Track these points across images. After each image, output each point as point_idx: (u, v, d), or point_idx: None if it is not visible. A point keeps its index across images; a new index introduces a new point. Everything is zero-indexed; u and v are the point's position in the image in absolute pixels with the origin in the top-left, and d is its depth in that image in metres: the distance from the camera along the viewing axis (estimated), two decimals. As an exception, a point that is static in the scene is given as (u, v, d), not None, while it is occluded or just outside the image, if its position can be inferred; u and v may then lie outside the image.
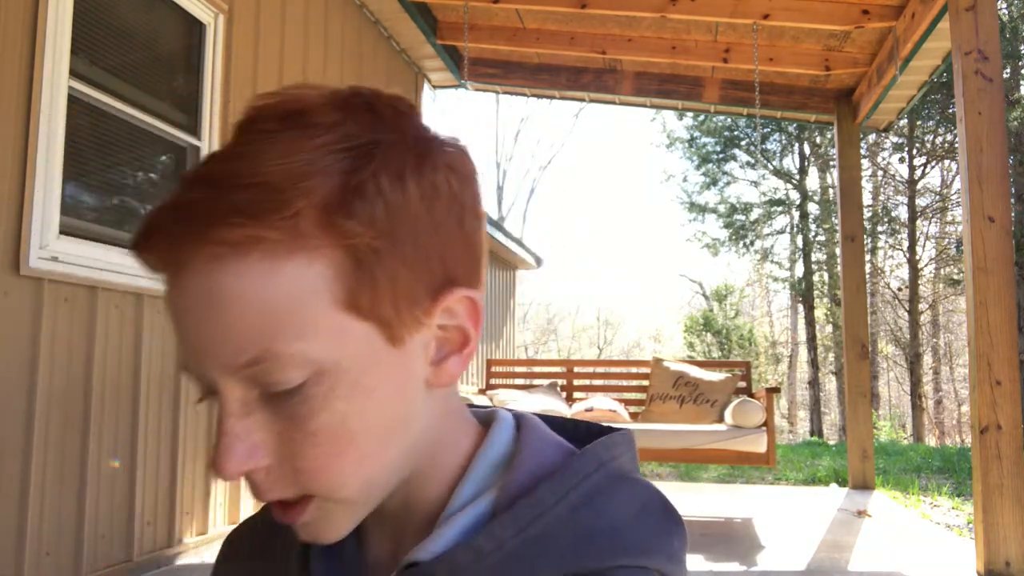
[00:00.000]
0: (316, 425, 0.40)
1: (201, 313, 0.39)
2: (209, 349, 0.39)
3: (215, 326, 0.39)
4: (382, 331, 0.42)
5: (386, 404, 0.43)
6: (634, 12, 4.45)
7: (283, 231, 0.38)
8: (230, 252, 0.38)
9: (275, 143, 0.39)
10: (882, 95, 4.75)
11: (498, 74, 5.66)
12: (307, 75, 4.09)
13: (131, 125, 2.88)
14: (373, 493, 0.44)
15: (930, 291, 18.38)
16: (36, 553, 2.34)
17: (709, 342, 20.18)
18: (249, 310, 0.38)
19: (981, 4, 3.16)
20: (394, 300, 0.41)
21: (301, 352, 0.39)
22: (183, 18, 3.18)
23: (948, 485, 5.82)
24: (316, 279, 0.39)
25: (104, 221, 2.80)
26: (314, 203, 0.38)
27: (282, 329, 0.39)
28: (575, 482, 0.45)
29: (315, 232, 0.39)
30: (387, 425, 0.43)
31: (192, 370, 0.42)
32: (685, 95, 5.55)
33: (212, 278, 0.38)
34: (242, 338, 0.39)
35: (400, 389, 0.43)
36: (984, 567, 2.94)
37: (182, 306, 0.40)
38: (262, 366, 0.39)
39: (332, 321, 0.40)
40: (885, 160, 17.08)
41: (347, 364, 0.40)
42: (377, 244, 0.40)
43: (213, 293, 0.38)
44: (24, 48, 2.37)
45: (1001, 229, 3.04)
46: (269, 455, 0.41)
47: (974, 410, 3.06)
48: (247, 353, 0.39)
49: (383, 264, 0.40)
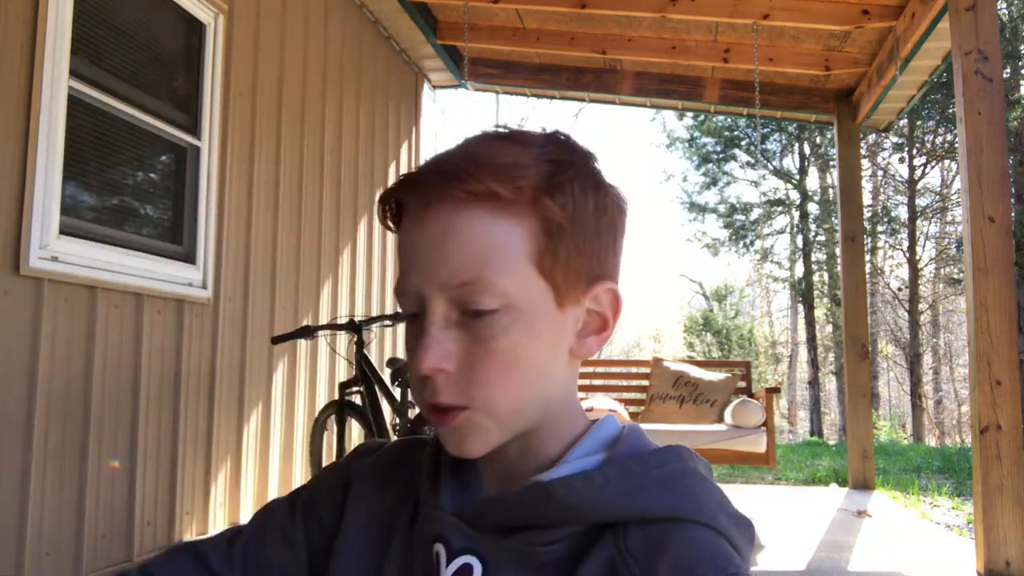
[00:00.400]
0: (496, 346, 0.53)
1: (436, 243, 0.53)
2: (435, 271, 0.53)
3: (445, 253, 0.53)
4: (553, 293, 0.55)
5: (543, 351, 0.56)
6: (634, 12, 4.44)
7: (511, 194, 0.53)
8: (470, 200, 0.53)
9: (504, 147, 0.55)
10: (882, 95, 4.74)
11: (498, 74, 5.66)
12: (307, 75, 4.09)
13: (131, 125, 2.88)
14: (512, 422, 0.55)
15: (930, 291, 18.38)
16: (36, 553, 2.34)
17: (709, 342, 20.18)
18: (473, 245, 0.53)
19: (981, 4, 3.16)
20: (565, 272, 0.56)
21: (501, 285, 0.53)
22: (183, 18, 3.18)
23: (948, 485, 5.82)
24: (521, 235, 0.54)
25: (104, 221, 2.80)
26: (530, 184, 0.54)
27: (492, 263, 0.53)
28: (671, 459, 0.56)
29: (527, 203, 0.54)
30: (540, 368, 0.56)
31: (409, 291, 0.55)
32: (685, 95, 5.54)
33: (452, 217, 0.53)
34: (463, 264, 0.53)
35: (554, 344, 0.57)
36: (984, 567, 2.94)
37: (420, 237, 0.54)
38: (471, 288, 0.53)
39: (524, 270, 0.54)
40: (885, 160, 17.08)
41: (526, 307, 0.54)
42: (563, 225, 0.55)
43: (450, 228, 0.53)
44: (24, 48, 2.37)
45: (1001, 229, 3.04)
46: (454, 363, 0.53)
47: (974, 410, 3.06)
48: (463, 276, 0.53)
49: (563, 242, 0.55)
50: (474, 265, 0.53)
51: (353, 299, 4.60)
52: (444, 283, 0.53)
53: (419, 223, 0.55)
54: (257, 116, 3.62)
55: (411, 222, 0.56)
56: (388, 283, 5.11)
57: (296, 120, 3.99)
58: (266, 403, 3.67)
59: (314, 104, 4.17)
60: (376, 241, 4.95)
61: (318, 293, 4.18)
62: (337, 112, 4.44)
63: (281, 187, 3.82)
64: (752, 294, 24.07)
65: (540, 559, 0.53)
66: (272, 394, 3.71)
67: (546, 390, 0.56)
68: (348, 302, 4.53)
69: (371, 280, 4.87)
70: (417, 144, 5.70)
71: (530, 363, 0.55)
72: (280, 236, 3.79)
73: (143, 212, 3.09)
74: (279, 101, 3.83)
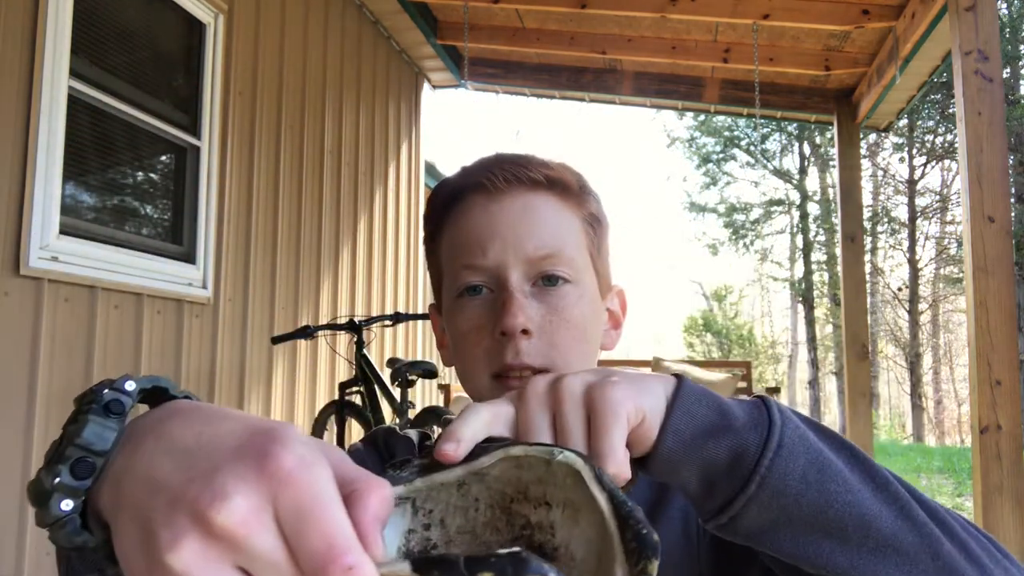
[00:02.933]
0: (570, 315, 0.60)
1: (517, 218, 0.61)
2: (520, 243, 0.60)
3: (529, 226, 0.61)
4: (600, 281, 0.65)
5: (599, 331, 0.65)
6: (634, 12, 4.44)
7: (574, 184, 0.64)
8: (542, 185, 0.62)
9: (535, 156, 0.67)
10: (882, 95, 4.74)
11: (498, 74, 5.66)
12: (307, 75, 4.09)
13: (131, 125, 2.88)
14: None
15: (930, 291, 18.38)
16: (36, 554, 2.34)
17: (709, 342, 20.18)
18: (552, 221, 0.61)
19: (981, 4, 3.16)
20: (603, 265, 0.66)
21: (574, 259, 0.61)
22: (183, 18, 3.18)
23: (948, 485, 5.82)
24: (579, 224, 0.64)
25: (104, 221, 2.80)
26: (579, 182, 0.65)
27: (568, 240, 0.62)
28: None
29: (580, 196, 0.64)
30: (596, 346, 0.64)
31: (487, 265, 0.61)
32: (685, 95, 5.54)
33: (529, 196, 0.62)
34: (545, 237, 0.61)
35: (600, 328, 0.66)
36: (984, 567, 2.94)
37: (499, 214, 0.62)
38: (551, 259, 0.60)
39: (585, 252, 0.63)
40: (885, 160, 17.09)
41: (588, 287, 0.63)
42: (601, 222, 0.66)
43: (529, 206, 0.62)
44: (24, 48, 2.37)
45: (1001, 229, 3.04)
46: (534, 327, 0.59)
47: (974, 410, 3.06)
48: (545, 248, 0.60)
49: (601, 239, 0.65)
50: (553, 240, 0.61)
51: (353, 299, 4.60)
52: (528, 255, 0.61)
53: (498, 203, 0.62)
54: (257, 116, 3.62)
55: (482, 206, 0.63)
56: (388, 283, 5.11)
57: (296, 120, 3.99)
58: (266, 403, 3.67)
59: (314, 104, 4.17)
60: (376, 241, 4.95)
61: (318, 293, 4.18)
62: (337, 112, 4.44)
63: (281, 187, 3.82)
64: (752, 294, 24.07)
65: None
66: (272, 394, 3.71)
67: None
68: (348, 302, 4.53)
69: (371, 280, 4.87)
70: (417, 144, 5.70)
71: (594, 338, 0.64)
72: (280, 236, 3.79)
73: (143, 212, 3.09)
74: (279, 101, 3.83)
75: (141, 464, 0.31)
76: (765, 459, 0.42)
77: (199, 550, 0.27)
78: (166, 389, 0.37)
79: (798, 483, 0.42)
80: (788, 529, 0.43)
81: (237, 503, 0.27)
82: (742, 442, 0.43)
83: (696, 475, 0.43)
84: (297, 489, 0.28)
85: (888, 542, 0.43)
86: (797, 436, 0.44)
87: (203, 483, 0.28)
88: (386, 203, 5.09)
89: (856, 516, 0.43)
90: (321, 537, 0.27)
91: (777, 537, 0.43)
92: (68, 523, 0.32)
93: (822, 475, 0.43)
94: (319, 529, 0.28)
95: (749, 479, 0.42)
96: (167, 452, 0.31)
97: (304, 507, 0.28)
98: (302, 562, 0.28)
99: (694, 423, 0.43)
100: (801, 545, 0.43)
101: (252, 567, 0.28)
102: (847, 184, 5.28)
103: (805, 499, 0.42)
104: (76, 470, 0.32)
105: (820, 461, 0.44)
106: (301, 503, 0.28)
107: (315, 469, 0.29)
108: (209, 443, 0.30)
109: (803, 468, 0.43)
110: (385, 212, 5.07)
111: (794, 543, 0.43)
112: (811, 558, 0.43)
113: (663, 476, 0.44)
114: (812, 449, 0.44)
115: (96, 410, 0.33)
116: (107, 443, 0.33)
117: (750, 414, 0.45)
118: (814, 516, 0.43)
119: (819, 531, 0.43)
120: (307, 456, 0.29)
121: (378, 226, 4.96)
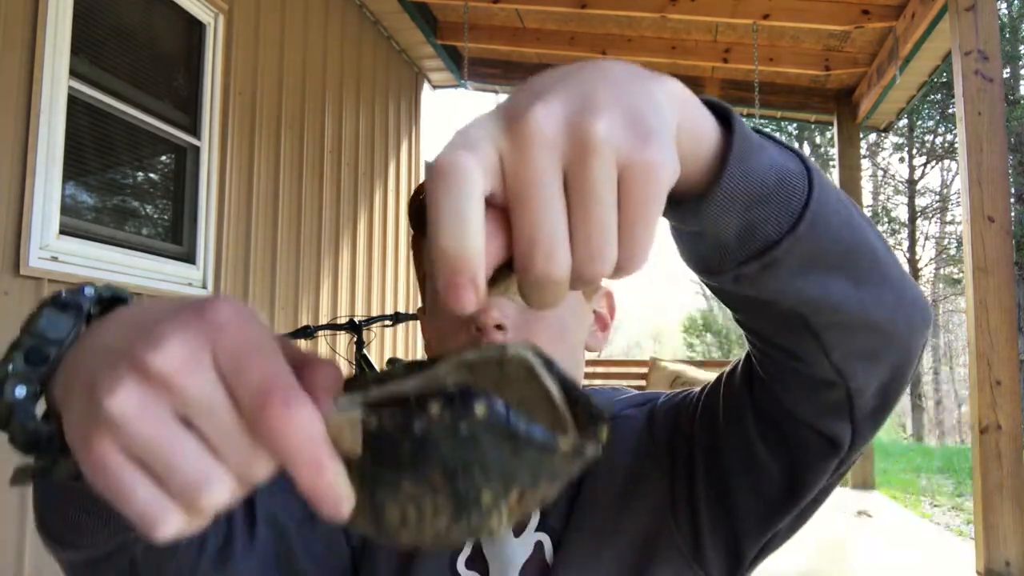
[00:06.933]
0: (548, 314, 0.59)
1: None
2: None
3: None
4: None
5: (579, 332, 0.64)
6: (634, 12, 4.44)
7: None
8: None
9: None
10: (882, 95, 4.74)
11: (498, 74, 5.66)
12: (307, 75, 4.09)
13: (131, 125, 2.88)
14: None
15: (930, 291, 18.38)
16: (36, 554, 2.34)
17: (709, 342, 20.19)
18: None
19: (981, 4, 3.16)
20: None
21: None
22: (183, 18, 3.18)
23: (948, 485, 5.82)
24: None
25: (104, 221, 2.80)
26: None
27: None
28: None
29: None
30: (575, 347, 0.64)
31: None
32: (685, 95, 5.54)
33: None
34: None
35: (583, 329, 0.66)
36: (984, 567, 2.94)
37: None
38: None
39: None
40: (885, 160, 17.09)
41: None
42: None
43: None
44: (24, 48, 2.37)
45: (1001, 229, 3.04)
46: (510, 323, 0.59)
47: (974, 410, 3.06)
48: None
49: None
50: None
51: (353, 299, 4.60)
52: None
53: None
54: (257, 116, 3.62)
55: None
56: (388, 283, 5.11)
57: (296, 120, 3.99)
58: (266, 403, 3.67)
59: (314, 104, 4.17)
60: (376, 241, 4.95)
61: (318, 293, 4.17)
62: (337, 112, 4.44)
63: (281, 187, 3.82)
64: (752, 294, 24.03)
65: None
66: (272, 394, 3.71)
67: (575, 371, 0.62)
68: (348, 302, 4.53)
69: (371, 280, 4.87)
70: (417, 144, 5.70)
71: (572, 339, 0.63)
72: (280, 236, 3.79)
73: (143, 212, 3.09)
74: (279, 101, 3.83)
75: (88, 340, 0.31)
76: (814, 193, 0.38)
77: (137, 395, 0.27)
78: (126, 300, 0.37)
79: (834, 219, 0.39)
80: (816, 270, 0.40)
81: (172, 346, 0.27)
82: (788, 174, 0.38)
83: (737, 219, 0.37)
84: (235, 335, 0.28)
85: (885, 271, 0.43)
86: (822, 173, 0.40)
87: (142, 336, 0.28)
88: (386, 203, 5.09)
89: (869, 250, 0.42)
90: (260, 375, 0.27)
91: (804, 281, 0.40)
92: (21, 409, 0.31)
93: (848, 212, 0.41)
94: (258, 369, 0.27)
95: (800, 217, 0.38)
96: (114, 324, 0.31)
97: (242, 351, 0.27)
98: (241, 402, 0.27)
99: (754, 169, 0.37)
100: (822, 286, 0.40)
101: (192, 412, 0.27)
102: (847, 184, 5.28)
103: (839, 236, 0.40)
104: (30, 357, 0.32)
105: (843, 197, 0.41)
106: (239, 347, 0.27)
107: (254, 323, 0.29)
108: (153, 310, 0.30)
109: (835, 203, 0.40)
110: (385, 212, 5.07)
111: (819, 285, 0.40)
112: (828, 300, 0.41)
113: (691, 224, 0.38)
114: (834, 188, 0.41)
115: (52, 306, 0.34)
116: (61, 332, 0.33)
117: (780, 145, 0.40)
118: (842, 254, 0.40)
119: (841, 271, 0.41)
120: (246, 312, 0.29)
121: (378, 226, 4.96)
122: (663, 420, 0.65)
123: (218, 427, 0.27)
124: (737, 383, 0.56)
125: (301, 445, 0.26)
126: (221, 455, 0.27)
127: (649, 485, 0.61)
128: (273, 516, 0.59)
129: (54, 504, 0.42)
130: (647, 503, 0.61)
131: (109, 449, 0.27)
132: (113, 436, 0.27)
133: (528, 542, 0.61)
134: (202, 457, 0.27)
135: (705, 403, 0.61)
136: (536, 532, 0.62)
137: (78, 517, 0.42)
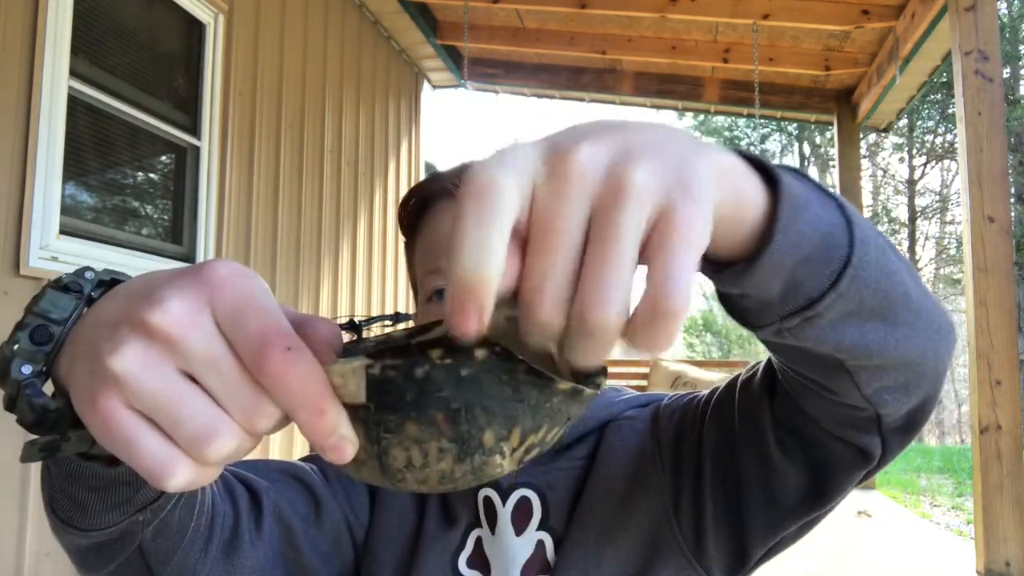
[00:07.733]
0: None
1: None
2: None
3: None
4: None
5: None
6: (634, 12, 4.44)
7: None
8: None
9: None
10: (882, 95, 4.75)
11: (498, 74, 5.66)
12: (307, 75, 4.09)
13: (131, 125, 2.88)
14: None
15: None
16: (36, 554, 2.34)
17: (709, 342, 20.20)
18: None
19: (981, 4, 3.16)
20: None
21: None
22: (183, 18, 3.18)
23: (948, 485, 5.82)
24: None
25: (104, 221, 2.80)
26: None
27: None
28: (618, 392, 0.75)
29: None
30: None
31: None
32: (685, 95, 5.54)
33: None
34: None
35: None
36: (984, 567, 2.94)
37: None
38: None
39: None
40: (885, 160, 17.10)
41: None
42: None
43: None
44: (24, 48, 2.37)
45: (1001, 229, 3.04)
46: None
47: (974, 410, 3.06)
48: None
49: None
50: None
51: (353, 298, 4.60)
52: None
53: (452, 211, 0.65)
54: (257, 116, 3.62)
55: (448, 211, 0.62)
56: (388, 283, 5.11)
57: (296, 120, 3.98)
58: (266, 403, 3.67)
59: (314, 104, 4.17)
60: (376, 241, 4.95)
61: (318, 293, 4.17)
62: (337, 112, 4.44)
63: (281, 187, 3.82)
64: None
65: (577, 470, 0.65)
66: (272, 394, 3.71)
67: None
68: (348, 301, 4.53)
69: (371, 280, 4.87)
70: (417, 144, 5.70)
71: None
72: (280, 236, 3.79)
73: (143, 212, 3.08)
74: (279, 101, 3.83)
75: (90, 316, 0.32)
76: (856, 247, 0.38)
77: (139, 352, 0.27)
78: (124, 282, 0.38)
79: (873, 268, 0.39)
80: (855, 319, 0.40)
81: (172, 304, 0.28)
82: (832, 229, 0.38)
83: (781, 281, 0.37)
84: (233, 292, 0.29)
85: (917, 308, 0.43)
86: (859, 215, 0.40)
87: (143, 299, 0.29)
88: (386, 203, 5.09)
89: (903, 292, 0.41)
90: (259, 326, 0.28)
91: (843, 330, 0.40)
92: (28, 386, 0.32)
93: (885, 257, 0.40)
94: (257, 320, 0.28)
95: (842, 273, 0.37)
96: (114, 297, 0.32)
97: (240, 305, 0.28)
98: (241, 352, 0.28)
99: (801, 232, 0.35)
100: (859, 334, 0.41)
101: (194, 366, 0.28)
102: (847, 184, 5.28)
103: (878, 285, 0.39)
104: (35, 336, 0.33)
105: (880, 241, 0.41)
106: (237, 302, 0.28)
107: (253, 280, 0.30)
108: (151, 278, 0.31)
109: (873, 250, 0.39)
110: (385, 212, 5.07)
111: (857, 333, 0.40)
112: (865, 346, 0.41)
113: (733, 288, 0.37)
114: (871, 229, 0.40)
115: (54, 287, 0.34)
116: (64, 312, 0.33)
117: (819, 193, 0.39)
118: (880, 301, 0.40)
119: (877, 316, 0.41)
120: (244, 270, 0.30)
121: (378, 226, 4.96)
122: (668, 422, 0.65)
123: (221, 378, 0.28)
124: (756, 389, 0.56)
125: (301, 387, 0.27)
126: (226, 405, 0.28)
127: (651, 485, 0.62)
128: (280, 512, 0.60)
129: (61, 485, 0.43)
130: (649, 503, 0.61)
131: (115, 404, 0.28)
132: (118, 392, 0.28)
133: (530, 541, 0.62)
134: (208, 408, 0.28)
135: (717, 406, 0.61)
136: (537, 531, 0.62)
137: (85, 496, 0.43)
